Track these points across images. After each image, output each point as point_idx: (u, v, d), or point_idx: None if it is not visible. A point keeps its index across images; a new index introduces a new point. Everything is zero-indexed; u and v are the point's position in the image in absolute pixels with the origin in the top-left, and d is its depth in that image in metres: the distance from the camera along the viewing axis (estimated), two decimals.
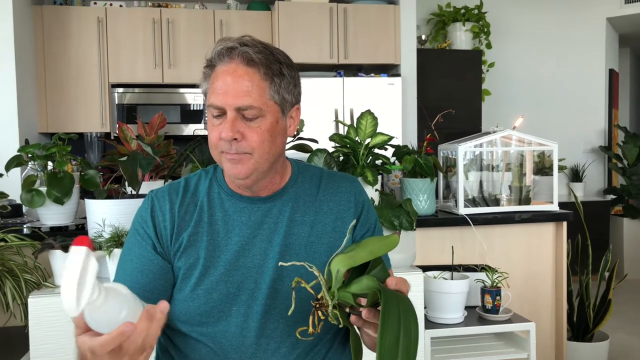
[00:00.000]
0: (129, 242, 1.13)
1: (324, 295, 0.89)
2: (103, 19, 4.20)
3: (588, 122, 5.63)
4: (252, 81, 1.02)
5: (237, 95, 1.02)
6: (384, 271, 0.94)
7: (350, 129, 2.06)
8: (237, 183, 1.10)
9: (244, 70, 1.03)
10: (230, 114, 1.02)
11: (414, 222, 1.96)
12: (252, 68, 1.03)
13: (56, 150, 1.99)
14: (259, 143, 1.04)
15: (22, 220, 2.31)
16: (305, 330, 0.92)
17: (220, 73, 1.04)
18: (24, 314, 1.66)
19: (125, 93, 4.25)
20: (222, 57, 1.04)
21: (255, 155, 1.05)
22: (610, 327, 3.32)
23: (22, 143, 3.69)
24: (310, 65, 4.34)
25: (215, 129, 1.05)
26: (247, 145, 1.04)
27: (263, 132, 1.04)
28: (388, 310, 0.82)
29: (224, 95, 1.02)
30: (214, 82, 1.05)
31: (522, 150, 2.72)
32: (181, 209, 1.12)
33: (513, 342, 2.21)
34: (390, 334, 0.82)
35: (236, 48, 1.03)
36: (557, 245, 2.69)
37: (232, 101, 1.02)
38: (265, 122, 1.04)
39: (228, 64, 1.03)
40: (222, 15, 4.37)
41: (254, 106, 1.02)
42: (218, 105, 1.03)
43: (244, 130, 1.03)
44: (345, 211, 1.16)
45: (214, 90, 1.04)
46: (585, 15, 5.51)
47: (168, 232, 1.10)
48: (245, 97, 1.02)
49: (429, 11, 5.14)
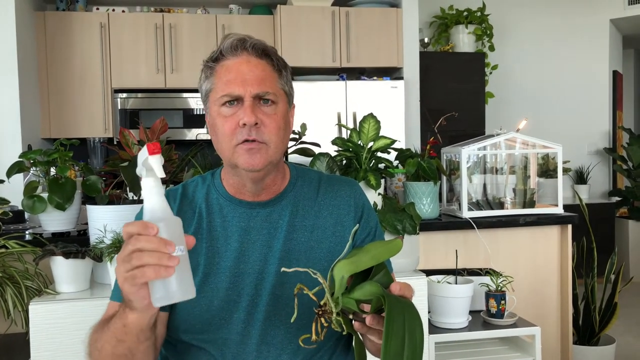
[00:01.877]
0: None
1: (328, 302, 0.88)
2: (106, 24, 4.20)
3: (592, 124, 5.60)
4: (265, 70, 1.06)
5: (254, 81, 1.04)
6: (388, 276, 0.92)
7: (352, 133, 2.05)
8: (250, 176, 1.08)
9: (257, 61, 1.06)
10: (248, 101, 1.04)
11: (417, 226, 1.94)
12: (264, 59, 1.07)
13: (58, 156, 1.98)
14: (276, 130, 1.06)
15: (24, 227, 2.31)
16: (308, 338, 0.90)
17: (233, 64, 1.06)
18: (24, 321, 1.65)
19: (128, 98, 4.26)
20: (235, 49, 1.06)
21: (271, 145, 1.06)
22: (616, 331, 3.29)
23: (24, 148, 3.69)
24: (312, 69, 4.33)
25: (229, 119, 1.05)
26: (265, 132, 1.05)
27: (279, 119, 1.07)
28: (392, 316, 0.81)
29: (241, 83, 1.04)
30: (225, 74, 1.06)
31: (526, 152, 2.70)
32: (178, 215, 1.11)
33: (518, 346, 2.19)
34: (396, 341, 0.81)
35: (247, 40, 1.07)
36: (562, 248, 2.67)
37: (250, 88, 1.04)
38: (280, 109, 1.08)
39: (240, 55, 1.06)
40: (224, 19, 4.37)
41: (269, 92, 1.05)
42: (235, 93, 1.04)
43: (262, 117, 1.05)
44: (345, 215, 1.15)
45: (228, 81, 1.05)
46: (588, 16, 5.49)
47: None
48: (263, 83, 1.05)
49: (431, 14, 5.13)
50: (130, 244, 0.80)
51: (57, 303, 1.59)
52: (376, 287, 0.88)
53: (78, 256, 1.66)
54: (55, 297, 1.64)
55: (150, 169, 0.85)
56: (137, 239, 0.80)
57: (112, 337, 0.94)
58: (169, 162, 2.12)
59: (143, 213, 0.85)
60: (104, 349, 0.97)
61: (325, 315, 0.88)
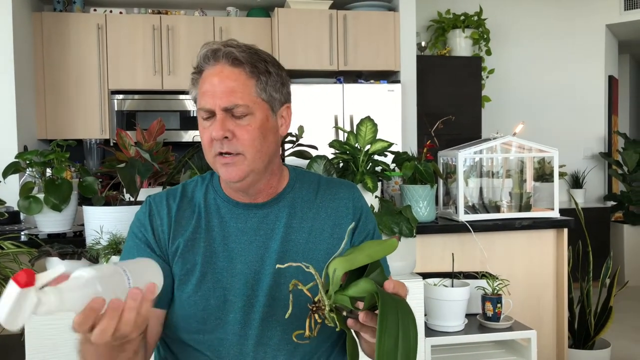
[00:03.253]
0: (127, 246, 1.14)
1: (321, 298, 0.87)
2: (103, 25, 4.20)
3: (588, 129, 5.62)
4: (238, 80, 1.03)
5: (223, 95, 1.02)
6: (382, 275, 0.92)
7: (350, 136, 2.05)
8: (233, 187, 1.10)
9: (229, 71, 1.04)
10: (219, 115, 1.03)
11: (414, 228, 1.95)
12: (238, 68, 1.04)
13: (54, 157, 1.98)
14: (250, 141, 1.04)
15: (20, 228, 2.30)
16: (302, 334, 0.90)
17: (207, 76, 1.05)
18: None
19: (124, 99, 4.25)
20: (208, 59, 1.05)
21: (248, 155, 1.04)
22: (611, 335, 3.30)
23: (20, 149, 3.68)
24: (310, 72, 4.33)
25: (206, 131, 1.05)
26: (238, 144, 1.04)
27: (253, 130, 1.04)
28: (386, 313, 0.81)
29: (211, 97, 1.03)
30: (202, 86, 1.06)
31: (523, 156, 2.71)
32: (178, 214, 1.12)
33: (514, 350, 2.19)
34: (389, 337, 0.80)
35: (220, 49, 1.04)
36: (558, 252, 2.67)
37: (219, 101, 1.03)
38: (255, 120, 1.05)
39: (214, 66, 1.04)
40: (221, 22, 4.37)
41: (240, 104, 1.03)
42: (206, 107, 1.04)
43: (234, 129, 1.03)
44: (343, 217, 1.15)
45: (203, 94, 1.05)
46: (585, 21, 5.52)
47: (166, 235, 1.10)
48: (231, 96, 1.02)
49: (428, 18, 5.15)
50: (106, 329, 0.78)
51: None
52: (370, 284, 0.87)
53: (74, 257, 1.66)
54: None
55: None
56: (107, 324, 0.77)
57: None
58: (165, 164, 2.12)
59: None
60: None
61: (319, 312, 0.88)
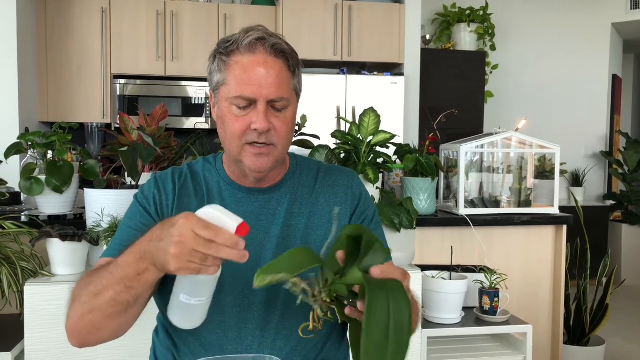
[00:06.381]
0: (130, 212, 1.12)
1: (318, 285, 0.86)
2: (107, 9, 4.18)
3: (590, 127, 5.62)
4: (282, 72, 1.04)
5: (270, 86, 1.02)
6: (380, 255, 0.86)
7: (352, 126, 2.05)
8: (255, 176, 1.09)
9: (273, 61, 1.03)
10: (261, 106, 1.02)
11: (414, 220, 1.95)
12: (281, 59, 1.04)
13: (56, 139, 1.97)
14: (285, 133, 1.06)
15: (20, 208, 2.30)
16: (307, 328, 0.90)
17: (248, 63, 1.02)
18: (19, 301, 1.65)
19: (127, 84, 4.24)
20: (253, 47, 1.03)
21: (279, 146, 1.06)
22: (606, 332, 3.32)
23: (22, 131, 3.67)
24: (313, 62, 4.32)
25: (240, 119, 1.04)
26: (275, 135, 1.05)
27: (289, 123, 1.07)
28: (374, 304, 0.75)
29: (257, 86, 1.01)
30: (240, 73, 1.02)
31: (524, 152, 2.71)
32: (182, 190, 1.12)
33: (510, 344, 2.20)
34: (378, 330, 0.74)
35: (266, 39, 1.03)
36: (557, 248, 2.68)
37: (266, 92, 1.02)
38: (291, 112, 1.07)
39: (254, 54, 1.02)
40: (226, 9, 4.35)
41: (284, 97, 1.04)
42: (250, 96, 1.02)
43: (273, 121, 1.04)
44: (342, 203, 1.16)
45: (242, 81, 1.02)
46: (590, 20, 5.50)
47: (170, 210, 1.10)
48: (279, 88, 1.03)
49: (434, 11, 5.13)
50: (204, 246, 0.85)
51: (52, 285, 1.59)
52: (358, 272, 0.83)
53: (75, 239, 1.66)
54: (50, 279, 1.64)
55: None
56: (215, 249, 0.86)
57: (118, 283, 0.91)
58: (167, 149, 2.12)
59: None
60: (103, 294, 0.92)
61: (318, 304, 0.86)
